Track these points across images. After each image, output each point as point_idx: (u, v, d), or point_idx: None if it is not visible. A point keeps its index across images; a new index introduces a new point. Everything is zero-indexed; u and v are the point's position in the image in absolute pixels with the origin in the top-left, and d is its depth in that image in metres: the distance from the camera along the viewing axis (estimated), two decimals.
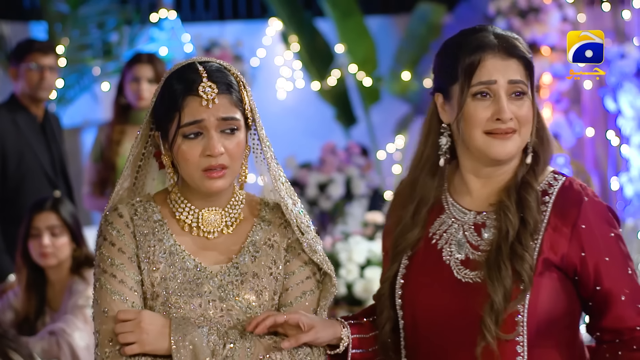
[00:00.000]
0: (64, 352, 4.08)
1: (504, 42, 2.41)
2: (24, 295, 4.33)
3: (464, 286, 2.41)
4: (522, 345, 2.36)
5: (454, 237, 2.47)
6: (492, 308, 2.33)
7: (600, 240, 2.39)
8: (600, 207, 2.43)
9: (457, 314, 2.40)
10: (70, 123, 7.58)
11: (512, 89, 2.40)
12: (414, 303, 2.48)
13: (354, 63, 8.54)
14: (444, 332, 2.42)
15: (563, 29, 7.39)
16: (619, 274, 2.39)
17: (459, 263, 2.44)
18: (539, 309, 2.36)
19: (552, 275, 2.39)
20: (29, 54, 5.25)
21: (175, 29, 8.22)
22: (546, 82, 7.50)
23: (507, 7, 7.53)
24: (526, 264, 2.35)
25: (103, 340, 2.35)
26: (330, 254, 5.23)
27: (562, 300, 2.40)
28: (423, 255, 2.50)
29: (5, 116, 5.25)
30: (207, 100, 2.34)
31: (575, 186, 2.44)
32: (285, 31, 8.69)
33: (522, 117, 2.41)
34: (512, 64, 2.41)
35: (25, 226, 4.35)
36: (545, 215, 2.41)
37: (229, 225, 2.45)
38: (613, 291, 2.38)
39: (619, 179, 7.34)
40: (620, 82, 7.21)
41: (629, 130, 7.25)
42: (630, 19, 7.42)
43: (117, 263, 2.39)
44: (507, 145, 2.41)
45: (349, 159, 7.71)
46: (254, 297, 2.40)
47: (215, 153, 2.34)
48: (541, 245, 2.38)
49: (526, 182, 2.42)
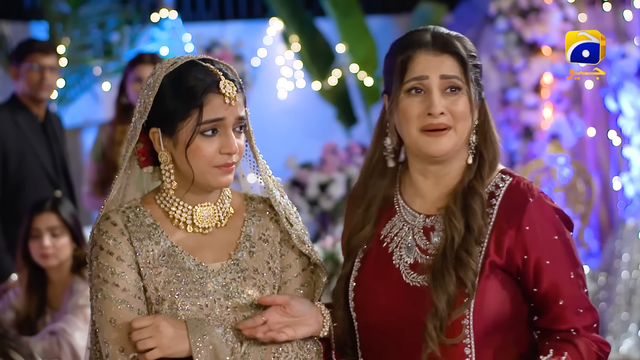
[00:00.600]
0: (64, 351, 4.08)
1: (439, 39, 2.42)
2: (25, 295, 4.33)
3: (412, 290, 2.41)
4: (470, 347, 2.36)
5: (404, 240, 2.47)
6: (436, 315, 2.34)
7: (542, 242, 2.38)
8: (547, 209, 2.41)
9: (406, 318, 2.40)
10: (70, 123, 7.57)
11: (445, 84, 2.40)
12: (365, 307, 2.48)
13: (354, 63, 8.54)
14: (395, 336, 2.42)
15: (564, 29, 7.39)
16: (560, 277, 2.39)
17: (408, 267, 2.44)
18: (485, 312, 2.36)
19: (498, 277, 2.38)
20: (30, 54, 5.25)
21: (176, 29, 8.22)
22: (547, 82, 7.50)
23: (508, 7, 7.53)
24: (470, 271, 2.34)
25: (114, 350, 2.33)
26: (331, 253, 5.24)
27: (507, 301, 2.40)
28: (374, 258, 2.50)
29: (6, 116, 5.25)
30: (229, 98, 2.35)
31: (521, 186, 2.43)
32: (286, 31, 8.69)
33: (457, 113, 2.40)
34: (446, 59, 2.41)
35: (25, 227, 4.35)
36: (491, 219, 2.40)
37: (222, 220, 2.45)
38: (550, 294, 2.39)
39: (620, 179, 7.33)
40: (621, 82, 7.21)
41: (630, 130, 7.25)
42: (631, 19, 7.42)
43: (118, 272, 2.37)
44: (441, 142, 2.40)
45: (350, 158, 7.71)
46: (257, 293, 2.41)
47: (234, 151, 2.36)
48: (487, 248, 2.38)
49: (472, 187, 2.42)
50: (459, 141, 2.43)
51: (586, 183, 7.24)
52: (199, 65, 2.38)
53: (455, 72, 2.41)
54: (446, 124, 2.40)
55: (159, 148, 2.40)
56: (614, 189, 7.43)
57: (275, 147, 8.64)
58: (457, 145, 2.43)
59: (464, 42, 2.45)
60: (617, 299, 6.92)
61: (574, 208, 7.23)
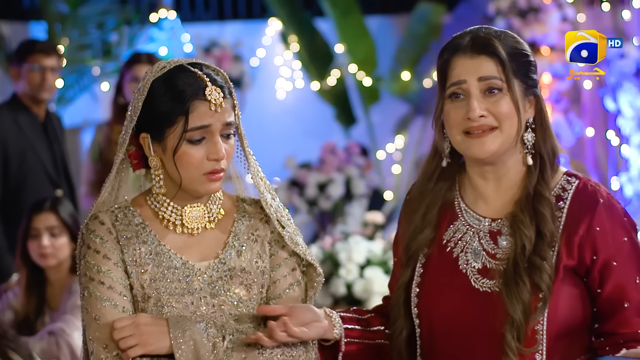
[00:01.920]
0: (63, 352, 4.08)
1: (477, 40, 2.40)
2: (24, 295, 4.32)
3: (482, 296, 2.39)
4: (542, 353, 2.35)
5: (469, 245, 2.44)
6: (513, 324, 2.31)
7: (611, 243, 2.37)
8: (616, 210, 2.40)
9: (476, 324, 2.38)
10: (69, 123, 7.56)
11: (484, 86, 2.38)
12: (430, 312, 2.46)
13: (353, 63, 8.53)
14: (461, 342, 2.40)
15: (563, 29, 7.39)
16: (626, 280, 2.36)
17: (476, 272, 2.41)
18: (558, 317, 2.35)
19: (571, 281, 2.37)
20: (31, 54, 5.25)
21: (175, 29, 8.22)
22: (546, 82, 7.50)
23: (507, 7, 7.53)
24: (545, 274, 2.32)
25: (98, 347, 2.35)
26: (330, 253, 5.23)
27: (579, 305, 2.39)
28: (438, 263, 2.47)
29: (7, 116, 5.26)
30: (215, 105, 2.34)
31: (590, 188, 2.42)
32: (285, 31, 8.68)
33: (499, 114, 2.38)
34: (483, 61, 2.38)
35: (24, 227, 4.35)
36: (561, 222, 2.39)
37: (212, 221, 2.46)
38: (614, 296, 2.36)
39: (619, 179, 7.33)
40: (620, 82, 7.21)
41: (628, 130, 7.25)
42: (630, 19, 7.42)
43: (103, 270, 2.38)
44: (485, 143, 2.38)
45: (349, 158, 7.71)
46: (244, 292, 2.42)
47: (221, 158, 2.36)
48: (559, 252, 2.36)
49: (538, 193, 2.40)
50: (506, 140, 2.40)
51: None
52: (187, 70, 2.37)
53: (494, 73, 2.38)
54: (489, 125, 2.39)
55: (149, 153, 2.41)
56: (613, 189, 7.43)
57: (274, 147, 8.64)
58: (504, 145, 2.40)
59: (505, 40, 2.42)
60: None
61: None
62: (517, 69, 2.40)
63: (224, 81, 2.40)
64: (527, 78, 2.42)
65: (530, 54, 2.45)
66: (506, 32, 2.44)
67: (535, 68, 2.45)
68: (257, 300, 2.44)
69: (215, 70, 2.41)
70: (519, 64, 2.41)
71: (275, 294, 2.46)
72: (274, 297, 2.46)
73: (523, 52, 2.43)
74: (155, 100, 2.37)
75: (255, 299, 2.44)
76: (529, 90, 2.42)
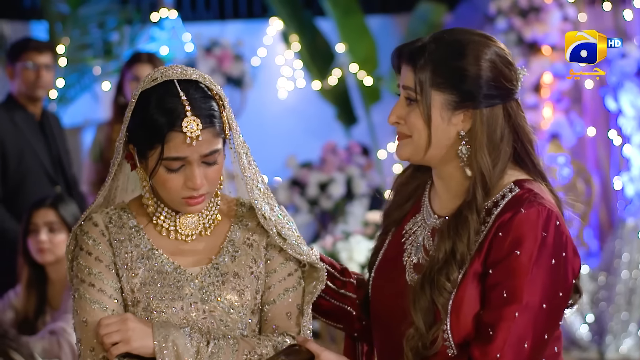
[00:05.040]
0: (64, 351, 4.08)
1: (411, 47, 2.38)
2: (25, 293, 4.32)
3: (409, 289, 2.39)
4: (452, 348, 2.32)
5: (416, 239, 2.47)
6: (416, 333, 2.32)
7: (499, 251, 2.29)
8: (531, 223, 2.27)
9: (402, 316, 2.38)
10: (70, 122, 7.58)
11: (405, 94, 2.40)
12: (374, 298, 2.51)
13: (354, 62, 8.54)
14: (390, 330, 2.43)
15: (564, 29, 7.38)
16: (494, 297, 2.29)
17: (412, 266, 2.44)
18: (461, 322, 2.31)
19: (478, 285, 2.31)
20: (25, 52, 5.25)
21: (176, 29, 8.22)
22: (547, 82, 7.50)
23: (508, 6, 7.53)
24: (444, 294, 2.30)
25: (85, 350, 2.35)
26: (331, 253, 5.23)
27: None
28: (390, 252, 2.52)
29: (3, 115, 5.25)
30: (191, 138, 2.28)
31: (524, 197, 2.32)
32: (286, 30, 8.69)
33: (410, 123, 2.38)
34: (406, 70, 2.38)
35: (24, 223, 4.35)
36: (484, 230, 2.32)
37: (207, 227, 2.44)
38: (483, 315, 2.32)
39: (620, 179, 7.33)
40: (621, 82, 7.20)
41: (629, 129, 7.25)
42: (631, 19, 7.42)
43: (94, 272, 2.37)
44: (399, 148, 2.43)
45: (350, 158, 7.71)
46: (236, 297, 2.39)
47: (197, 187, 2.32)
48: (473, 258, 2.31)
49: (462, 210, 2.34)
50: (417, 150, 2.39)
51: (586, 183, 7.23)
52: (173, 91, 2.31)
53: (410, 83, 2.37)
54: (404, 133, 2.41)
55: (137, 164, 2.39)
56: (614, 189, 7.43)
57: (275, 147, 8.65)
58: (417, 153, 2.40)
59: (439, 51, 2.35)
60: (617, 299, 6.92)
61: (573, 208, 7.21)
62: (443, 81, 2.34)
63: (207, 105, 2.33)
64: (458, 91, 2.34)
65: (468, 67, 2.32)
66: (452, 43, 2.36)
67: (474, 80, 2.32)
68: (250, 307, 2.41)
69: (201, 88, 2.34)
70: (448, 76, 2.34)
71: (269, 300, 2.44)
72: (268, 303, 2.44)
73: (457, 65, 2.33)
74: (139, 116, 2.34)
75: (248, 305, 2.41)
76: (461, 103, 2.34)
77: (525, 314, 2.25)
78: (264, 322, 2.44)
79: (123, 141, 2.39)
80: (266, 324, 2.44)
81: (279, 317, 2.44)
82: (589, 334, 6.98)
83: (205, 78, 2.37)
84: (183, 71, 2.35)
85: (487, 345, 2.26)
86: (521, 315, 2.25)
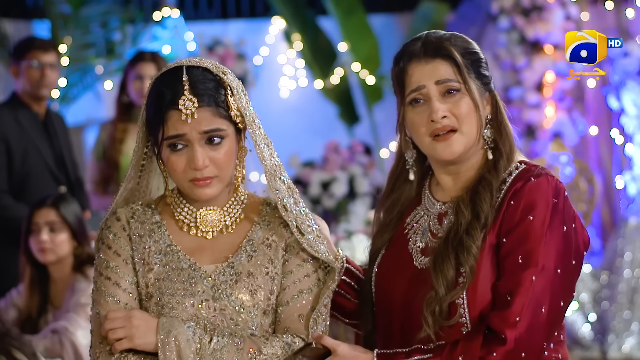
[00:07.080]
0: (66, 350, 4.08)
1: (429, 45, 2.45)
2: (27, 292, 4.33)
3: (418, 273, 2.45)
4: (467, 326, 2.37)
5: (420, 226, 2.52)
6: (435, 297, 2.36)
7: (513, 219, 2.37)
8: (540, 190, 2.36)
9: (411, 300, 2.43)
10: (73, 121, 7.58)
11: (442, 88, 2.44)
12: (381, 289, 2.53)
13: (357, 61, 8.54)
14: (400, 317, 2.46)
15: (566, 28, 7.38)
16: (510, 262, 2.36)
17: (419, 251, 2.48)
18: (478, 292, 2.36)
19: (492, 257, 2.38)
20: (29, 51, 5.26)
21: (178, 28, 8.22)
22: (549, 81, 7.50)
23: (510, 5, 7.53)
24: (471, 256, 2.36)
25: (95, 341, 2.38)
26: None
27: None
28: (395, 244, 2.55)
29: (8, 114, 5.26)
30: (186, 115, 2.32)
31: (532, 169, 2.42)
32: (288, 29, 8.69)
33: (459, 114, 2.44)
34: (438, 64, 2.44)
35: (26, 222, 4.36)
36: (497, 202, 2.40)
37: (229, 225, 2.45)
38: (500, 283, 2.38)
39: (623, 178, 7.33)
40: (623, 81, 7.20)
41: (632, 128, 7.25)
42: (634, 18, 7.41)
43: (112, 265, 2.41)
44: (451, 146, 2.45)
45: (352, 157, 7.71)
46: (247, 297, 2.40)
47: (198, 167, 2.34)
48: (487, 230, 2.38)
49: (484, 177, 2.44)
50: (468, 141, 2.46)
51: (588, 181, 7.23)
52: (177, 75, 2.35)
53: (450, 75, 2.44)
54: (451, 126, 2.44)
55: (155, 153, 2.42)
56: (617, 188, 7.43)
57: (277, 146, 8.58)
58: (468, 145, 2.46)
59: (456, 41, 2.47)
60: (620, 298, 6.92)
61: (576, 207, 7.22)
62: (471, 68, 2.45)
63: (208, 87, 2.35)
64: (481, 76, 2.48)
65: (480, 52, 2.50)
66: (454, 34, 2.49)
67: (486, 65, 2.50)
68: (262, 307, 2.41)
69: (206, 72, 2.37)
70: (471, 63, 2.46)
71: (283, 301, 2.43)
72: (282, 304, 2.43)
73: (474, 51, 2.49)
74: (149, 104, 2.39)
75: (260, 305, 2.41)
76: (484, 87, 2.48)
77: (541, 278, 2.32)
78: (277, 323, 2.44)
79: (142, 131, 2.43)
80: (279, 325, 2.44)
81: (290, 319, 2.43)
82: (591, 333, 6.98)
83: (218, 67, 2.40)
84: (199, 60, 2.40)
85: (505, 311, 2.31)
86: (538, 278, 2.31)
